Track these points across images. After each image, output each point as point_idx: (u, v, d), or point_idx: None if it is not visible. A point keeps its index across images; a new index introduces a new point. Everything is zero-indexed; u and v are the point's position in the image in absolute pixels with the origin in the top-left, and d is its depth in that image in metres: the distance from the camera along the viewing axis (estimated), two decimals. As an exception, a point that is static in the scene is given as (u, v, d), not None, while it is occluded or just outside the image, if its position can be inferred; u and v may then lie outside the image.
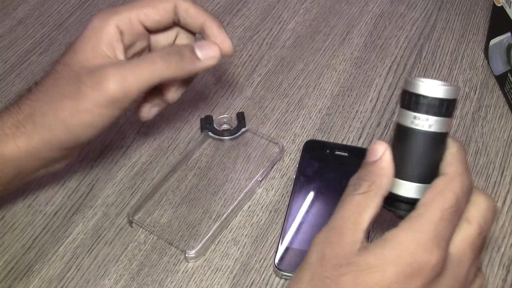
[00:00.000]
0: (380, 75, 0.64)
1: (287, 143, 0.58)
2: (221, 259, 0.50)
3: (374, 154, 0.36)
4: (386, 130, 0.59)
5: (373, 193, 0.35)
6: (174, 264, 0.50)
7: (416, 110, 0.35)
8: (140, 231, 0.52)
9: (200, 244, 0.50)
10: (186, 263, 0.50)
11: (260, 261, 0.50)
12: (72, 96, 0.43)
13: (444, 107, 0.35)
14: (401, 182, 0.36)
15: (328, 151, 0.56)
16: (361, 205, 0.35)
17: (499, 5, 0.59)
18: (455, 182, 0.34)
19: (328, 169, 0.55)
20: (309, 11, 0.72)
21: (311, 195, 0.53)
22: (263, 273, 0.49)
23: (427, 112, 0.35)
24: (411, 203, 0.35)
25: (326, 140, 0.58)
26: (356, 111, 0.61)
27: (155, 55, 0.45)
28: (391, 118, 0.60)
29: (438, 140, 0.36)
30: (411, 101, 0.36)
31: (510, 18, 0.57)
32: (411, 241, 0.33)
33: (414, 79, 0.36)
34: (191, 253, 0.49)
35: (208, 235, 0.51)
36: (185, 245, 0.51)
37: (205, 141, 0.58)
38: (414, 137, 0.36)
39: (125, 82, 0.42)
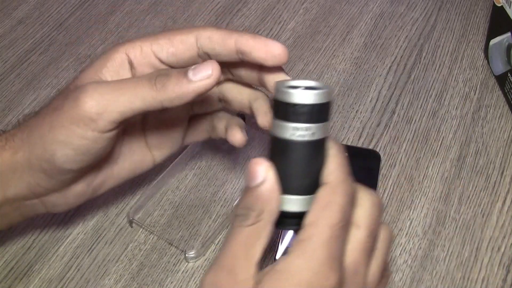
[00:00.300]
0: (380, 75, 0.64)
1: (287, 143, 0.58)
2: (221, 259, 0.50)
3: (255, 177, 0.33)
4: (386, 130, 0.59)
5: (262, 223, 0.33)
6: (174, 264, 0.50)
7: (296, 120, 0.32)
8: (140, 231, 0.52)
9: (200, 244, 0.50)
10: (186, 263, 0.50)
11: (260, 261, 0.50)
12: (54, 111, 0.40)
13: (325, 112, 0.33)
14: (286, 198, 0.33)
15: (328, 151, 0.56)
16: (251, 238, 0.33)
17: (499, 5, 0.59)
18: (338, 193, 0.33)
19: (328, 169, 0.55)
20: (309, 11, 0.72)
21: (311, 195, 0.53)
22: (263, 273, 0.49)
23: (308, 121, 0.33)
24: (300, 217, 0.33)
25: (326, 140, 0.58)
26: (356, 111, 0.61)
27: (142, 76, 0.40)
28: (391, 118, 0.60)
29: (321, 146, 0.34)
30: (288, 111, 0.32)
31: (510, 18, 0.57)
32: (305, 270, 0.31)
33: (286, 88, 0.33)
34: (191, 253, 0.49)
35: (208, 235, 0.51)
36: (185, 245, 0.51)
37: (206, 140, 0.58)
38: (296, 149, 0.33)
39: (102, 100, 0.38)
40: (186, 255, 0.50)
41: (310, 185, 0.34)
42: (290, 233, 0.50)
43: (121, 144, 0.46)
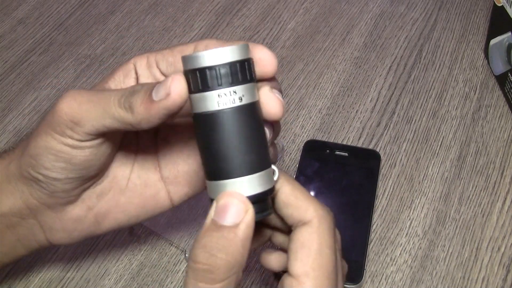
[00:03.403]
0: (380, 75, 0.64)
1: (287, 143, 0.58)
2: (221, 259, 0.50)
3: (223, 214, 0.31)
4: (386, 130, 0.59)
5: (235, 277, 0.31)
6: (174, 264, 0.50)
7: (218, 85, 0.28)
8: (140, 231, 0.52)
9: (200, 244, 0.50)
10: (186, 263, 0.50)
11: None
12: (41, 119, 0.39)
13: (248, 70, 0.29)
14: (235, 181, 0.29)
15: (328, 151, 0.56)
16: None
17: (499, 4, 0.59)
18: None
19: (328, 169, 0.55)
20: (309, 11, 0.72)
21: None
22: (263, 273, 0.49)
23: (232, 83, 0.29)
24: (264, 200, 0.31)
25: (326, 140, 0.58)
26: (356, 111, 0.61)
27: (117, 90, 0.36)
28: (391, 118, 0.60)
29: (255, 113, 0.30)
30: (205, 77, 0.28)
31: (510, 18, 0.57)
32: None
33: (198, 54, 0.29)
34: (191, 253, 0.49)
35: (208, 235, 0.51)
36: (185, 245, 0.51)
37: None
38: (228, 120, 0.29)
39: (78, 109, 0.35)
40: (186, 255, 0.49)
41: (260, 158, 0.30)
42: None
43: (129, 171, 0.41)
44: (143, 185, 0.41)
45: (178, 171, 0.41)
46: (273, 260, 0.39)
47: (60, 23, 0.72)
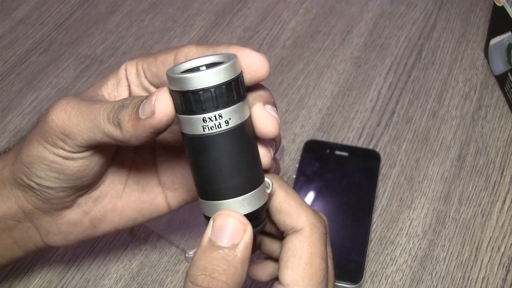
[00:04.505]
0: (380, 75, 0.64)
1: (287, 143, 0.58)
2: (221, 259, 0.50)
3: (222, 235, 0.30)
4: (386, 130, 0.59)
5: None
6: (174, 264, 0.50)
7: (202, 110, 0.27)
8: (140, 230, 0.52)
9: (200, 244, 0.50)
10: (186, 263, 0.50)
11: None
12: (35, 126, 0.38)
13: (236, 89, 0.27)
14: (227, 203, 0.29)
15: (328, 151, 0.56)
16: None
17: (499, 5, 0.59)
18: None
19: (328, 169, 0.55)
20: (309, 11, 0.72)
21: (311, 195, 0.53)
22: (263, 273, 0.49)
23: (217, 107, 0.27)
24: (256, 217, 0.30)
25: (326, 140, 0.58)
26: (356, 111, 0.61)
27: (108, 103, 0.34)
28: (391, 118, 0.60)
29: (244, 133, 0.28)
30: (189, 101, 0.27)
31: (510, 18, 0.57)
32: None
33: (180, 74, 0.27)
34: (191, 253, 0.49)
35: (208, 235, 0.51)
36: (185, 245, 0.51)
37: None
38: (214, 144, 0.28)
39: (67, 121, 0.35)
40: (186, 255, 0.50)
41: (252, 177, 0.29)
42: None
43: (126, 176, 0.41)
44: (140, 190, 0.41)
45: (176, 177, 0.40)
46: (259, 271, 0.38)
47: (60, 23, 0.72)
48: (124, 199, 0.41)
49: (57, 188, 0.37)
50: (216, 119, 0.27)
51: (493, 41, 0.62)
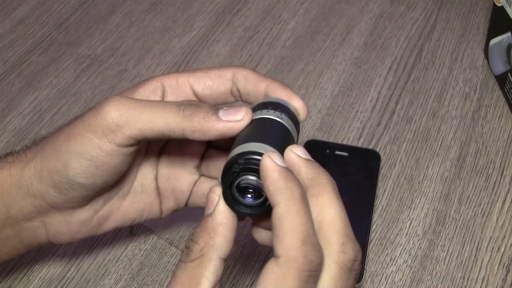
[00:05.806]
0: (380, 75, 0.64)
1: (287, 143, 0.58)
2: (221, 259, 0.50)
3: (209, 206, 0.32)
4: (386, 130, 0.59)
5: (206, 258, 0.31)
6: (174, 264, 0.50)
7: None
8: (140, 231, 0.52)
9: (200, 244, 0.50)
10: (186, 263, 0.50)
11: (260, 261, 0.50)
12: (72, 123, 0.39)
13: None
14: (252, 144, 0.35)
15: (328, 151, 0.56)
16: (194, 277, 0.31)
17: (499, 5, 0.59)
18: (290, 272, 0.30)
19: (328, 169, 0.55)
20: (309, 11, 0.72)
21: (311, 195, 0.53)
22: (263, 273, 0.49)
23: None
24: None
25: (326, 140, 0.58)
26: (356, 111, 0.61)
27: (171, 101, 0.40)
28: (391, 118, 0.60)
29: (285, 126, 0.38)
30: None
31: (510, 18, 0.57)
32: None
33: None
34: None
35: (208, 235, 0.51)
36: (185, 245, 0.50)
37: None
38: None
39: (125, 112, 0.37)
40: (186, 255, 0.49)
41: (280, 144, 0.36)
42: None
43: (134, 178, 0.43)
44: (143, 192, 0.43)
45: (169, 186, 0.44)
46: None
47: (60, 23, 0.72)
48: (129, 199, 0.43)
49: (88, 186, 0.39)
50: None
51: (493, 41, 0.62)
